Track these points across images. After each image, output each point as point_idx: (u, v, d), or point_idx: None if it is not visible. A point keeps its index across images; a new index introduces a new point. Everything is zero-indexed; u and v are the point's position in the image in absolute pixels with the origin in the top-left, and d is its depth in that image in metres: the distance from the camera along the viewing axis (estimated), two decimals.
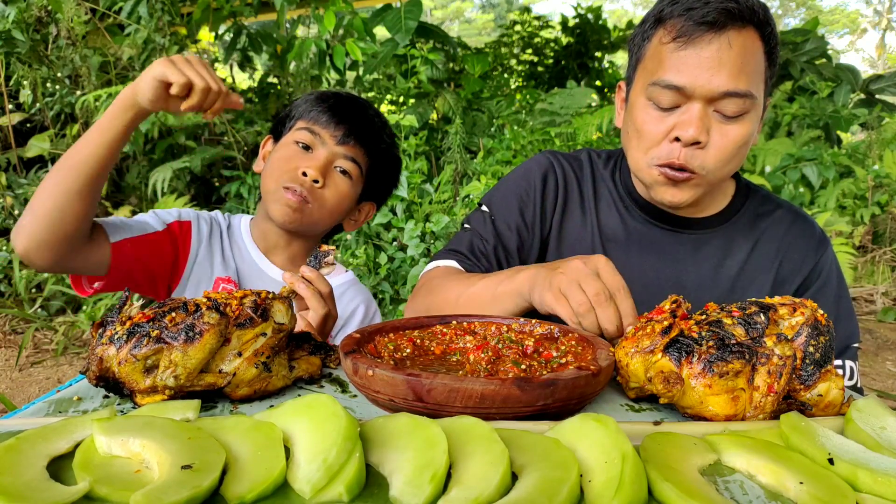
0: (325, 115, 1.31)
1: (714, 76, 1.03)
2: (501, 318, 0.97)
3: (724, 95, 1.04)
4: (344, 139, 1.31)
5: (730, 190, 1.29)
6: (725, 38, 1.03)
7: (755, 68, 1.06)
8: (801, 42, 5.70)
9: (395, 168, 1.46)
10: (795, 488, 0.56)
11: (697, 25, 1.03)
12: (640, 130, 1.12)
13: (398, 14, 4.48)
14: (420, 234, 3.30)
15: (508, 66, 7.73)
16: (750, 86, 1.05)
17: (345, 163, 1.32)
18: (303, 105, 1.36)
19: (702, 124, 1.05)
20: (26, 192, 4.41)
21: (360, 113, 1.35)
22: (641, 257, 1.25)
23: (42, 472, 0.54)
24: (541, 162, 1.33)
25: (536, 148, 4.45)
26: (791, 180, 4.52)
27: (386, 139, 1.41)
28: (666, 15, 1.08)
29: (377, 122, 1.39)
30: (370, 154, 1.36)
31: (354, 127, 1.32)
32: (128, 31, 4.49)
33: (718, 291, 1.22)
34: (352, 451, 0.54)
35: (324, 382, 0.86)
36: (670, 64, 1.06)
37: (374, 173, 1.39)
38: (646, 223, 1.26)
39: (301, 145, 1.31)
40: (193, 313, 0.74)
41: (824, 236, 1.27)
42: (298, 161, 1.29)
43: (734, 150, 1.08)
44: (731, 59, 1.03)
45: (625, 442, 0.56)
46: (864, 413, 0.70)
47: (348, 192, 1.34)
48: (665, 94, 1.07)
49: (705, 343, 0.73)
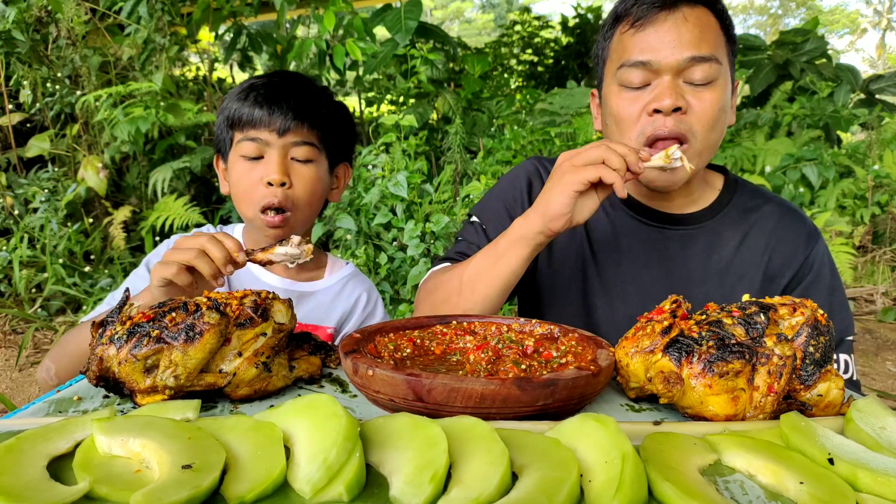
0: (254, 112, 1.23)
1: (676, 47, 1.09)
2: (501, 319, 0.97)
3: (689, 62, 1.09)
4: (285, 128, 1.23)
5: (718, 184, 1.29)
6: (680, 14, 1.10)
7: (714, 39, 1.11)
8: (801, 42, 5.70)
9: (345, 118, 1.38)
10: (795, 488, 0.56)
11: (651, 7, 1.11)
12: (618, 115, 1.15)
13: (398, 14, 4.48)
14: (420, 234, 3.30)
15: (508, 66, 7.73)
16: (713, 51, 1.10)
17: (298, 150, 1.25)
18: (229, 112, 1.28)
19: (675, 92, 1.09)
20: (26, 192, 4.41)
21: (287, 91, 1.26)
22: (631, 255, 1.26)
23: (42, 472, 0.54)
24: (526, 168, 1.35)
25: (536, 148, 4.45)
26: (791, 180, 4.52)
27: (323, 98, 1.32)
28: (621, 11, 1.16)
29: (307, 87, 1.30)
30: (317, 124, 1.28)
31: (289, 109, 1.24)
32: (128, 31, 4.49)
33: (708, 286, 1.23)
34: (352, 451, 0.54)
35: (324, 382, 0.86)
36: (633, 45, 1.12)
37: (330, 137, 1.31)
38: (633, 221, 1.27)
39: (249, 158, 1.25)
40: (193, 313, 0.74)
41: (815, 229, 1.27)
42: (256, 174, 1.23)
43: (715, 114, 1.11)
44: (689, 30, 1.09)
45: (625, 442, 0.56)
46: (864, 413, 0.70)
47: (317, 175, 1.28)
48: (634, 72, 1.12)
49: (705, 343, 0.73)
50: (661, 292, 1.20)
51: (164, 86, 4.26)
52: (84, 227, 4.49)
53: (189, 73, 5.73)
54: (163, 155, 4.72)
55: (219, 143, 1.34)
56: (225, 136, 1.31)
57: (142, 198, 4.70)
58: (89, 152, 4.56)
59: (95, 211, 4.68)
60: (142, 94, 4.31)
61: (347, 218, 3.41)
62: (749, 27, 27.17)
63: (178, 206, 4.32)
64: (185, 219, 4.24)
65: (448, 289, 1.14)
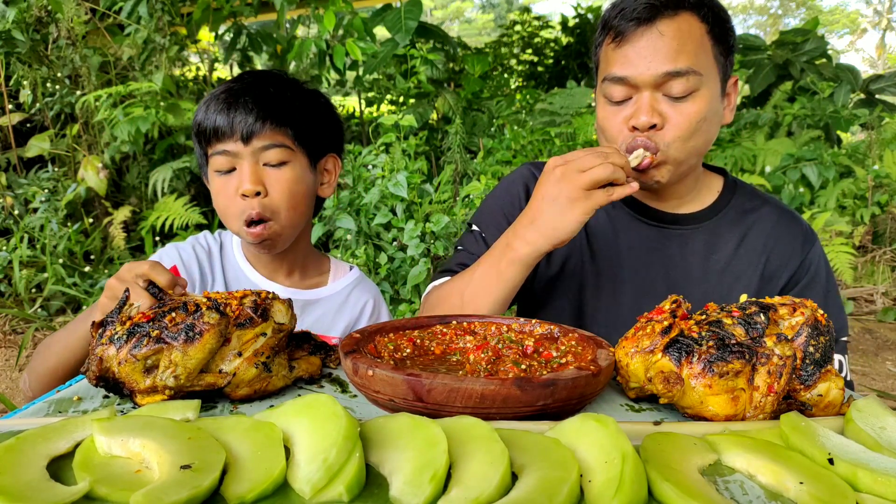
0: (216, 121, 1.18)
1: (651, 63, 1.10)
2: (501, 318, 0.97)
3: (666, 77, 1.10)
4: (248, 134, 1.16)
5: (717, 186, 1.31)
6: (655, 29, 1.11)
7: (695, 48, 1.12)
8: (801, 42, 5.69)
9: (322, 109, 1.30)
10: (795, 488, 0.56)
11: (629, 23, 1.13)
12: (602, 126, 1.20)
13: (398, 14, 4.48)
14: (420, 235, 3.29)
15: (508, 66, 7.73)
16: (691, 64, 1.10)
17: (268, 154, 1.18)
18: (195, 127, 1.23)
19: (651, 109, 1.11)
20: (26, 192, 4.41)
21: (246, 94, 1.19)
22: (630, 254, 1.27)
23: (42, 472, 0.54)
24: (522, 173, 1.37)
25: (536, 148, 4.45)
26: (791, 180, 4.52)
27: (291, 92, 1.25)
28: (608, 20, 1.18)
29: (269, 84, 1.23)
30: (285, 121, 1.20)
31: (248, 114, 1.17)
32: (128, 31, 4.48)
33: (706, 286, 1.24)
34: (352, 451, 0.54)
35: (324, 382, 0.86)
36: (614, 60, 1.15)
37: (305, 131, 1.23)
38: (632, 220, 1.28)
39: (223, 173, 1.20)
40: (193, 313, 0.74)
41: (811, 232, 1.29)
42: (231, 187, 1.19)
43: (693, 126, 1.12)
44: (665, 45, 1.10)
45: (625, 442, 0.56)
46: (864, 413, 0.70)
47: (294, 176, 1.21)
48: (614, 87, 1.15)
49: (705, 343, 0.73)
50: (660, 291, 1.22)
51: (164, 86, 4.25)
52: (84, 227, 4.49)
53: (189, 73, 5.73)
54: (163, 155, 4.72)
55: (198, 157, 1.30)
56: (199, 152, 1.26)
57: (142, 198, 4.70)
58: (89, 152, 4.56)
59: (95, 211, 4.68)
60: (142, 94, 4.31)
61: (347, 218, 3.41)
62: (749, 27, 27.18)
63: (178, 206, 4.32)
64: (184, 219, 4.24)
65: (450, 306, 1.16)
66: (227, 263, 1.36)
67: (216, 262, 1.35)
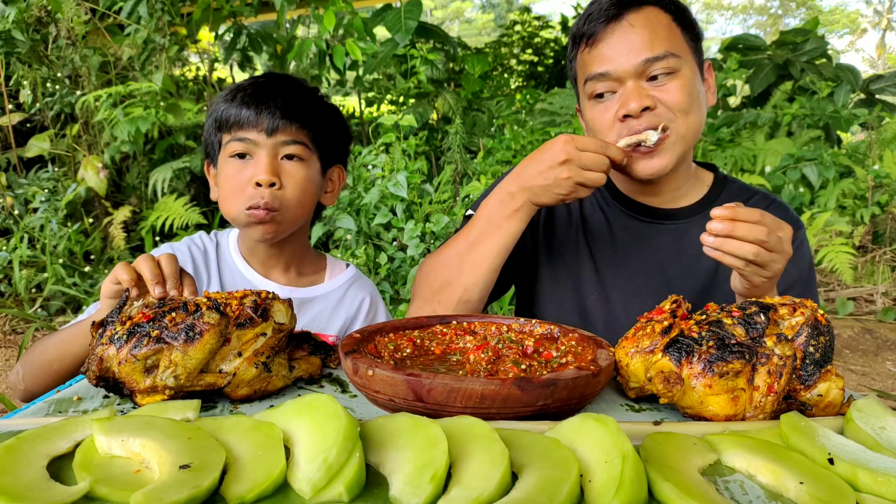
0: (241, 113, 1.22)
1: (629, 54, 1.14)
2: (501, 318, 0.97)
3: (646, 64, 1.14)
4: (273, 128, 1.21)
5: (707, 180, 1.34)
6: (625, 22, 1.15)
7: (667, 35, 1.16)
8: (801, 42, 5.69)
9: (337, 120, 1.35)
10: (795, 488, 0.56)
11: (598, 24, 1.18)
12: (594, 126, 1.22)
13: (398, 14, 4.48)
14: (420, 235, 3.30)
15: (508, 66, 7.73)
16: (667, 48, 1.14)
17: (288, 148, 1.23)
18: (217, 115, 1.26)
19: (639, 95, 1.14)
20: (26, 192, 4.41)
21: (274, 91, 1.24)
22: (626, 249, 1.30)
23: (42, 472, 0.54)
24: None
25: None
26: (791, 180, 4.52)
27: (313, 99, 1.30)
28: (576, 32, 1.23)
29: (296, 87, 1.29)
30: (307, 123, 1.25)
31: (276, 109, 1.22)
32: (128, 31, 4.48)
33: (702, 280, 1.26)
34: (352, 451, 0.54)
35: (324, 382, 0.86)
36: (591, 61, 1.19)
37: (322, 137, 1.29)
38: (628, 217, 1.31)
39: (238, 156, 1.23)
40: (193, 313, 0.74)
41: (798, 220, 1.31)
42: (245, 174, 1.21)
43: (686, 98, 1.15)
44: (638, 35, 1.14)
45: (625, 442, 0.56)
46: (864, 413, 0.70)
47: (308, 175, 1.26)
48: (598, 83, 1.18)
49: (705, 343, 0.73)
50: (655, 285, 1.25)
51: (164, 86, 4.25)
52: (84, 227, 4.49)
53: (189, 73, 5.73)
54: (163, 155, 4.72)
55: (208, 146, 1.32)
56: (213, 139, 1.28)
57: (142, 198, 4.70)
58: (89, 152, 4.56)
59: (95, 211, 4.68)
60: (142, 94, 4.31)
61: (347, 218, 3.41)
62: (749, 27, 27.17)
63: (178, 206, 4.32)
64: (184, 219, 4.24)
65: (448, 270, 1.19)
66: (223, 263, 1.36)
67: (212, 261, 1.36)
